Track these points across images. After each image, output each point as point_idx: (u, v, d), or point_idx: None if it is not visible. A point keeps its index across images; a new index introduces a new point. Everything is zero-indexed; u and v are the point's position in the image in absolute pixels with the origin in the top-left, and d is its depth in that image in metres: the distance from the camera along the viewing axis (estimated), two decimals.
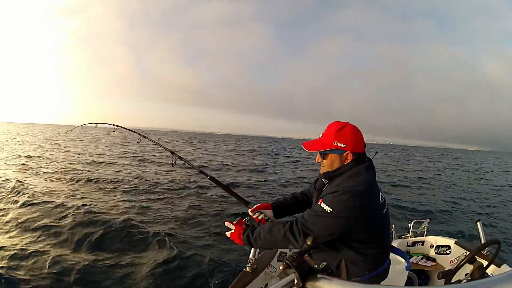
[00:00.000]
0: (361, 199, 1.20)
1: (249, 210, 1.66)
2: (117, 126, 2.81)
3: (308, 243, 0.73)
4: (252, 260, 1.91)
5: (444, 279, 1.73)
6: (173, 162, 2.19)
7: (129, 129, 2.78)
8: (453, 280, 1.74)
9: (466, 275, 1.87)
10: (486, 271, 1.75)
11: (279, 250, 2.39)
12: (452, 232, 5.98)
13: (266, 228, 1.35)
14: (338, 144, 1.30)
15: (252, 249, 1.96)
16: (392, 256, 1.50)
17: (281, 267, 0.67)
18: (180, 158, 2.19)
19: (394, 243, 3.02)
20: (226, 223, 1.53)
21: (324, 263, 0.66)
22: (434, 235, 3.12)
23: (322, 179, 1.42)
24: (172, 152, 2.22)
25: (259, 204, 1.67)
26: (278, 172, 14.58)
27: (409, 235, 3.25)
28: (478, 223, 2.60)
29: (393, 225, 3.25)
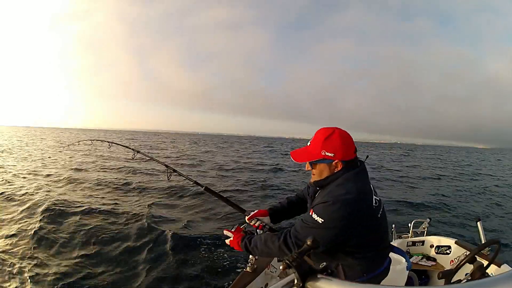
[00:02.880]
0: (352, 207, 1.17)
1: (246, 218, 1.66)
2: (112, 143, 2.87)
3: (308, 243, 0.73)
4: (252, 260, 1.92)
5: (444, 279, 1.73)
6: (168, 175, 2.16)
7: (123, 145, 2.82)
8: (453, 280, 1.74)
9: (466, 275, 1.86)
10: (486, 271, 1.75)
11: None
12: (452, 232, 5.97)
13: (262, 240, 1.35)
14: (326, 154, 1.25)
15: None
16: (392, 256, 1.50)
17: (281, 267, 0.67)
18: (175, 170, 2.16)
19: (394, 243, 3.01)
20: (225, 232, 1.54)
21: (324, 263, 0.66)
22: (434, 235, 3.12)
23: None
24: (166, 166, 2.19)
25: (255, 212, 1.68)
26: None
27: (409, 235, 3.25)
28: (478, 223, 2.60)
29: (393, 225, 3.25)
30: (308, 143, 1.33)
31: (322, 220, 1.16)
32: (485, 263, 1.78)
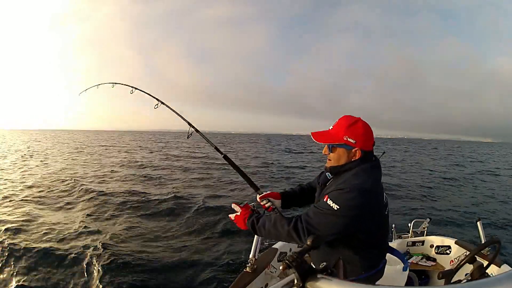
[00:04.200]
0: (368, 197, 1.18)
1: (258, 196, 1.60)
2: (135, 88, 2.64)
3: (308, 243, 0.74)
4: (252, 260, 1.91)
5: (444, 279, 1.73)
6: (189, 134, 2.00)
7: (147, 93, 2.55)
8: (453, 280, 1.74)
9: (466, 275, 1.86)
10: (486, 271, 1.75)
11: (279, 250, 2.39)
12: (452, 232, 5.97)
13: (272, 221, 1.31)
14: (348, 139, 1.26)
15: (252, 249, 1.95)
16: (391, 256, 1.50)
17: (281, 267, 0.67)
18: (197, 130, 2.00)
19: (394, 243, 3.01)
20: (233, 205, 1.50)
21: (324, 263, 0.66)
22: (434, 235, 3.12)
23: (327, 173, 1.39)
24: (189, 124, 2.00)
25: (268, 192, 1.61)
26: None
27: (409, 234, 3.25)
28: (478, 223, 2.60)
29: (393, 225, 3.25)
30: (331, 127, 1.34)
31: (338, 207, 1.15)
32: (485, 263, 1.78)
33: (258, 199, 1.58)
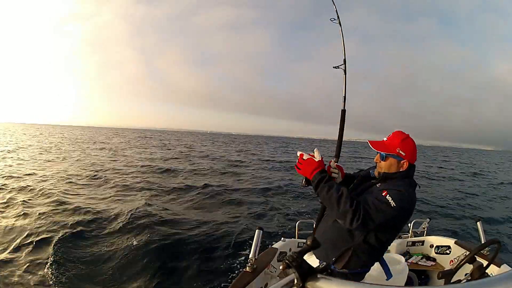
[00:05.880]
0: (413, 206, 1.39)
1: (335, 163, 1.64)
2: None
3: (308, 243, 0.74)
4: (252, 260, 1.91)
5: (444, 279, 1.73)
6: None
7: None
8: (453, 280, 1.74)
9: (466, 275, 1.86)
10: (486, 271, 1.75)
11: (279, 250, 2.39)
12: (452, 232, 5.97)
13: (339, 192, 1.33)
14: (400, 152, 1.45)
15: (252, 249, 1.95)
16: (392, 256, 1.51)
17: (281, 267, 0.67)
18: None
19: (394, 243, 3.02)
20: (303, 154, 1.48)
21: (324, 263, 0.66)
22: (434, 235, 3.12)
23: (371, 171, 1.58)
24: None
25: (340, 165, 1.68)
26: None
27: (409, 234, 3.25)
28: (478, 223, 2.60)
29: None
30: (385, 139, 1.52)
31: (394, 205, 1.30)
32: (485, 263, 1.78)
33: (332, 164, 1.62)
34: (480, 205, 9.23)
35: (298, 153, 1.49)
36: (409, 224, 3.32)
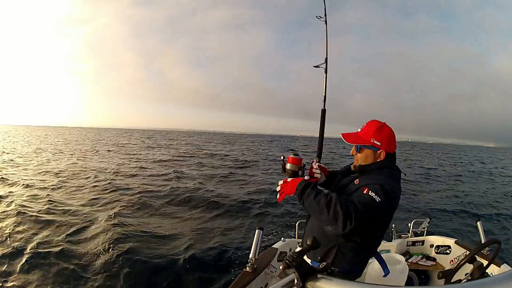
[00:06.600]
0: (397, 199, 1.30)
1: (317, 163, 1.61)
2: None
3: (308, 243, 0.74)
4: (252, 260, 1.91)
5: (444, 279, 1.72)
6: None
7: None
8: (453, 279, 1.74)
9: (466, 274, 1.86)
10: (486, 271, 1.75)
11: (279, 250, 2.39)
12: (452, 232, 5.96)
13: (328, 197, 1.25)
14: (375, 142, 1.39)
15: (252, 248, 1.95)
16: (391, 256, 1.50)
17: (281, 267, 0.67)
18: None
19: (394, 243, 3.02)
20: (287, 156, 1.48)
21: (324, 263, 0.66)
22: (434, 235, 3.12)
23: (351, 166, 1.53)
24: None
25: (323, 166, 1.63)
26: None
27: (409, 234, 3.25)
28: (478, 223, 2.60)
29: (393, 225, 3.25)
30: (359, 130, 1.46)
31: (379, 200, 1.22)
32: (485, 263, 1.78)
33: (313, 164, 1.61)
34: (480, 204, 9.21)
35: (282, 157, 1.49)
36: (409, 224, 3.32)
